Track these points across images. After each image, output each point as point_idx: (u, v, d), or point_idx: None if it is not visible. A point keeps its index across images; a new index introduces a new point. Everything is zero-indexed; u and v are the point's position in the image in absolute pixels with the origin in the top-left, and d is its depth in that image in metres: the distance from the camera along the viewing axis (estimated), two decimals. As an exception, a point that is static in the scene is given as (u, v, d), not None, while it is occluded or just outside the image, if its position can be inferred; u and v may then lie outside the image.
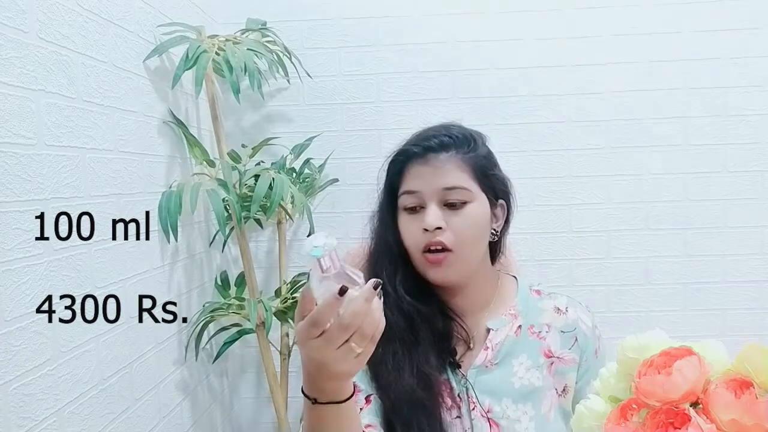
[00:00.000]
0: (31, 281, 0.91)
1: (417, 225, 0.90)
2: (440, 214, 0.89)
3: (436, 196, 0.90)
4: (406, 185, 0.92)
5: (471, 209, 0.90)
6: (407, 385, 0.86)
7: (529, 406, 0.91)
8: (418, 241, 0.90)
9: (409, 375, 0.87)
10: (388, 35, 1.78)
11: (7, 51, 0.87)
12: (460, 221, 0.89)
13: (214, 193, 1.36)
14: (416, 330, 0.91)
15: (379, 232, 0.97)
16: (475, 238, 0.91)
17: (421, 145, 0.92)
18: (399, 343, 0.89)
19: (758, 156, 1.75)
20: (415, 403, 0.86)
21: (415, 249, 0.91)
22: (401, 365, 0.88)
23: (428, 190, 0.90)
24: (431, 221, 0.88)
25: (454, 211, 0.90)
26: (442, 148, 0.91)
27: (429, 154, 0.91)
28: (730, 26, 1.73)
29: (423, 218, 0.89)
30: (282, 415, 1.60)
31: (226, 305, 1.54)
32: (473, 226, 0.90)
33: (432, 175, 0.90)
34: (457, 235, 0.89)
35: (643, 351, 0.61)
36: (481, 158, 0.94)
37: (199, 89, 1.43)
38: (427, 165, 0.91)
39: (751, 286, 1.78)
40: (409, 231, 0.92)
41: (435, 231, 0.88)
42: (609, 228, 1.80)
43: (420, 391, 0.86)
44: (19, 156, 0.89)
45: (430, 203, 0.90)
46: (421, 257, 0.91)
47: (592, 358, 0.96)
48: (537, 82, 1.77)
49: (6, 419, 0.84)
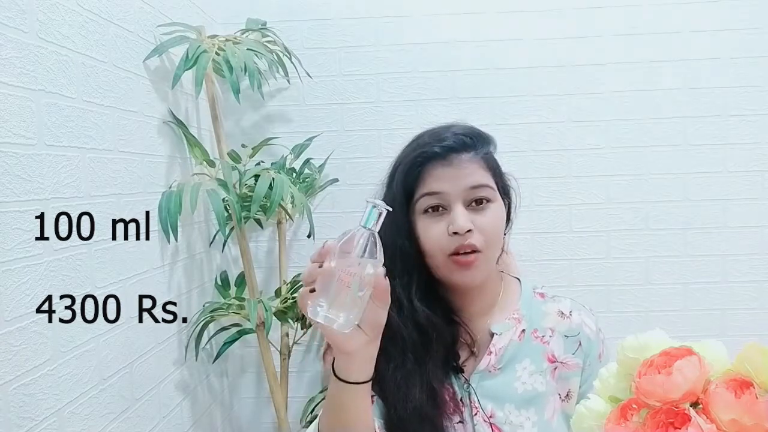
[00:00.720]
0: (31, 281, 0.91)
1: (441, 228, 0.87)
2: (469, 216, 0.87)
3: (461, 197, 0.87)
4: (427, 187, 0.88)
5: (494, 208, 0.89)
6: (418, 401, 0.85)
7: (532, 412, 0.90)
8: (445, 245, 0.86)
9: (420, 391, 0.86)
10: (388, 35, 1.78)
11: (7, 51, 0.87)
12: (486, 221, 0.87)
13: (214, 193, 1.36)
14: (429, 343, 0.89)
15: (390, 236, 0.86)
16: (500, 237, 0.90)
17: (441, 146, 0.88)
18: (412, 356, 0.88)
19: (758, 156, 1.75)
20: (423, 419, 0.85)
21: (441, 253, 0.87)
22: (412, 381, 0.86)
23: (453, 190, 0.87)
24: (463, 224, 0.85)
25: (479, 211, 0.88)
26: (464, 148, 0.89)
27: (451, 154, 0.88)
28: (730, 26, 1.73)
29: (450, 221, 0.86)
30: (282, 415, 1.60)
31: (226, 305, 1.54)
32: (498, 226, 0.89)
33: (456, 176, 0.87)
34: (485, 235, 0.87)
35: (643, 351, 0.61)
36: (494, 157, 0.94)
37: (199, 89, 1.43)
38: (451, 166, 0.88)
39: (751, 286, 1.78)
40: (433, 235, 0.87)
41: (466, 234, 0.85)
42: (609, 228, 1.80)
43: (429, 408, 0.86)
44: (19, 156, 0.89)
45: (456, 204, 0.87)
46: (447, 261, 0.87)
47: (595, 363, 0.95)
48: (537, 82, 1.77)
49: (6, 419, 0.84)
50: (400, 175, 0.91)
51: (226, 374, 1.81)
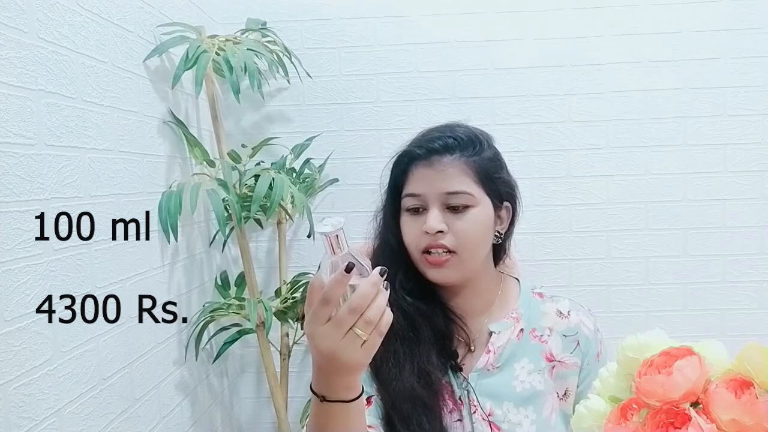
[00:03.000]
0: (31, 281, 0.91)
1: (418, 226, 0.90)
2: (441, 218, 0.89)
3: (439, 200, 0.89)
4: (409, 188, 0.92)
5: (473, 213, 0.90)
6: (408, 381, 0.86)
7: (531, 410, 0.91)
8: (419, 242, 0.90)
9: (410, 372, 0.87)
10: (388, 35, 1.78)
11: (7, 51, 0.87)
12: (462, 225, 0.89)
13: (214, 193, 1.36)
14: (417, 328, 0.91)
15: (381, 231, 0.98)
16: (477, 241, 0.91)
17: (425, 147, 0.91)
18: (400, 340, 0.89)
19: (758, 156, 1.75)
20: (415, 399, 0.86)
21: (416, 249, 0.91)
22: (402, 362, 0.88)
23: (431, 193, 0.90)
24: (433, 225, 0.88)
25: (457, 214, 0.89)
26: (446, 151, 0.90)
27: (433, 156, 0.90)
28: (730, 26, 1.73)
29: (424, 220, 0.89)
30: (282, 415, 1.60)
31: (226, 305, 1.54)
32: (475, 230, 0.90)
33: (435, 178, 0.90)
34: (459, 238, 0.89)
35: (643, 351, 0.61)
36: (486, 161, 0.92)
37: (199, 89, 1.43)
38: (431, 168, 0.90)
39: (751, 286, 1.78)
40: (411, 232, 0.92)
41: (436, 234, 0.88)
42: (609, 228, 1.80)
43: (420, 389, 0.87)
44: (19, 156, 0.89)
45: (433, 206, 0.90)
46: (421, 257, 0.91)
47: (593, 362, 0.96)
48: (537, 82, 1.77)
49: (6, 419, 0.84)
50: (388, 175, 0.97)
51: (226, 374, 1.81)
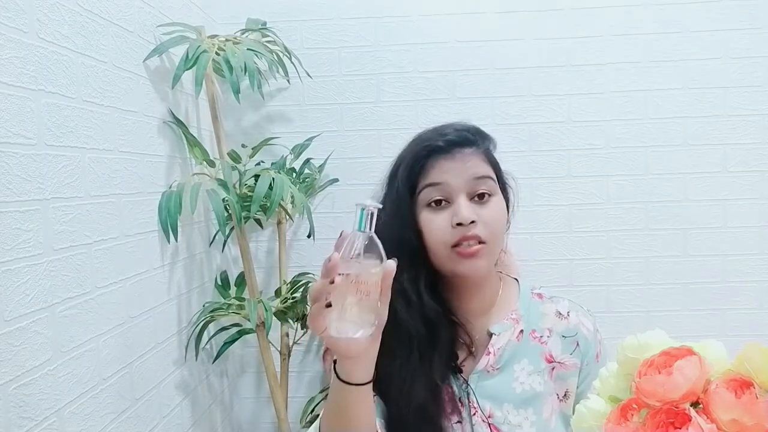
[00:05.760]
0: (31, 281, 0.91)
1: (444, 220, 0.87)
2: (472, 207, 0.87)
3: (465, 189, 0.88)
4: (430, 178, 0.89)
5: (495, 201, 0.90)
6: (421, 399, 0.86)
7: (531, 412, 0.91)
8: (447, 237, 0.87)
9: (424, 389, 0.86)
10: (388, 35, 1.78)
11: (7, 51, 0.87)
12: (489, 213, 0.88)
13: (214, 193, 1.36)
14: (435, 339, 0.89)
15: (395, 230, 0.88)
16: (502, 229, 0.91)
17: (445, 140, 0.90)
18: (417, 352, 0.88)
19: (758, 156, 1.75)
20: (425, 418, 0.86)
21: (444, 245, 0.87)
22: (416, 378, 0.87)
23: (456, 182, 0.87)
24: (467, 215, 0.85)
25: (482, 203, 0.88)
26: (466, 143, 0.90)
27: (454, 148, 0.89)
28: (730, 26, 1.73)
29: (453, 212, 0.86)
30: (282, 415, 1.60)
31: (226, 305, 1.54)
32: (500, 219, 0.90)
33: (459, 168, 0.88)
34: (488, 226, 0.87)
35: (643, 351, 0.61)
36: (495, 156, 0.95)
37: (199, 89, 1.43)
38: (454, 159, 0.89)
39: (751, 286, 1.78)
40: (437, 227, 0.87)
41: (469, 225, 0.86)
42: (609, 228, 1.80)
43: (432, 407, 0.86)
44: (19, 156, 0.89)
45: (459, 196, 0.87)
46: (450, 253, 0.87)
47: (593, 363, 0.95)
48: (537, 82, 1.77)
49: (6, 419, 0.84)
50: (403, 170, 0.91)
51: (226, 374, 1.81)
